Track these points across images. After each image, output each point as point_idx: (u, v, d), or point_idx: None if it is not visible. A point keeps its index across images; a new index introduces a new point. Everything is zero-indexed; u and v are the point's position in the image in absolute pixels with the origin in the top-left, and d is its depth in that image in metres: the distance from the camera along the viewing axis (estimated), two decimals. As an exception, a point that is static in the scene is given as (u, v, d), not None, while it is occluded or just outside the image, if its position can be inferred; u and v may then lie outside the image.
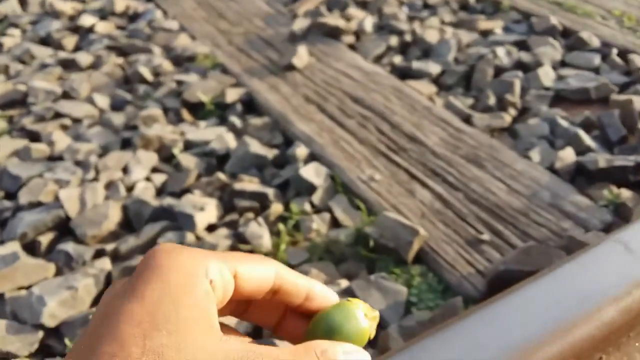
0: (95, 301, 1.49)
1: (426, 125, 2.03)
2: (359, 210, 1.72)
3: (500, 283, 1.39)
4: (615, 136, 1.91)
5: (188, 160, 1.98)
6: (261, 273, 0.35)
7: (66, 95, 2.38)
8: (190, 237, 1.64)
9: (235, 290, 0.34)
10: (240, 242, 1.61)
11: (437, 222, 1.65)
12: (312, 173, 1.83)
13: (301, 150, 1.94)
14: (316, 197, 1.78)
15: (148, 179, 1.92)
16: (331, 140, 1.99)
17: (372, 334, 0.40)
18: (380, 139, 1.99)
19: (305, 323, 0.39)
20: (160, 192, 1.88)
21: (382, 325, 1.38)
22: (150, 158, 1.98)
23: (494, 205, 1.68)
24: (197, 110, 2.29)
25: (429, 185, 1.77)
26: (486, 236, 1.58)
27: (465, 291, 1.43)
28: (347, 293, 1.43)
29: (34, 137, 2.16)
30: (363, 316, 0.39)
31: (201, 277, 0.31)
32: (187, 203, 1.73)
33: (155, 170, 1.98)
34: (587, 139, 1.91)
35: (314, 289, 0.38)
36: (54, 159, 2.03)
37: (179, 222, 1.71)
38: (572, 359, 0.83)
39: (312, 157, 1.94)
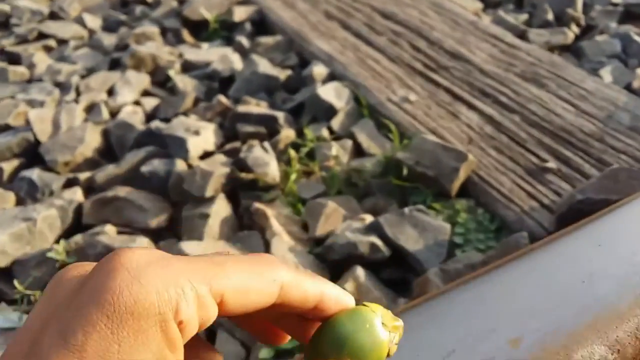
0: (59, 239, 1.21)
1: (472, 41, 1.67)
2: (388, 137, 1.38)
3: (576, 218, 1.05)
4: None
5: (185, 83, 1.66)
6: (258, 295, 0.26)
7: (54, 16, 2.09)
8: (180, 165, 1.33)
9: (219, 313, 0.25)
10: (241, 170, 1.29)
11: (488, 148, 1.30)
12: (332, 94, 1.50)
13: (319, 69, 1.61)
14: (336, 122, 1.45)
15: (137, 102, 1.62)
16: (356, 59, 1.65)
17: (393, 349, 0.31)
18: (416, 57, 1.64)
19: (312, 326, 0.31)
20: (150, 118, 1.58)
21: (417, 271, 1.07)
22: (141, 80, 1.68)
23: (560, 129, 1.33)
24: (200, 31, 1.97)
25: (477, 106, 1.43)
26: (552, 164, 1.23)
27: (526, 230, 1.10)
28: (372, 230, 1.11)
29: (14, 59, 1.87)
30: (381, 326, 0.30)
31: (168, 322, 0.23)
32: (179, 125, 1.43)
33: (146, 93, 1.67)
34: (676, 54, 1.53)
35: (326, 294, 0.29)
36: (33, 82, 1.74)
37: (169, 148, 1.40)
38: None
39: (332, 78, 1.60)
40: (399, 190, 1.25)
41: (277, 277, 0.27)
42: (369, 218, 1.15)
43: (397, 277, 1.09)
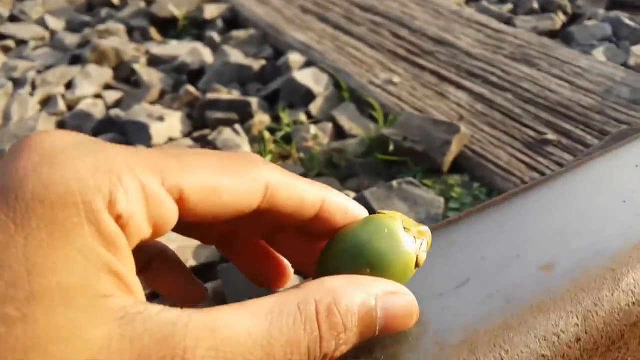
0: None
1: (457, 28, 1.59)
2: (371, 118, 1.27)
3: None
4: None
5: (151, 75, 1.54)
6: (233, 194, 0.20)
7: (14, 19, 1.97)
8: (142, 152, 1.20)
9: (187, 216, 0.19)
10: (208, 153, 1.16)
11: (481, 124, 1.19)
12: (310, 78, 1.39)
13: (295, 57, 1.50)
14: (315, 107, 1.33)
15: (98, 96, 1.49)
16: (335, 47, 1.55)
17: (423, 257, 0.25)
18: (398, 44, 1.54)
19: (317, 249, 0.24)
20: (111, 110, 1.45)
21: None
22: (103, 74, 1.55)
23: (557, 104, 1.22)
24: (168, 29, 1.86)
25: (466, 86, 1.32)
26: (552, 136, 1.12)
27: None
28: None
29: (-33, 61, 1.73)
30: (404, 231, 0.24)
31: (98, 214, 0.17)
32: (141, 112, 1.30)
33: (108, 87, 1.54)
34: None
35: (329, 200, 0.22)
36: (-14, 80, 1.61)
37: (129, 136, 1.27)
38: None
39: (310, 65, 1.50)
40: (385, 169, 1.12)
41: (260, 175, 0.20)
42: (352, 194, 1.02)
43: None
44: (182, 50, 1.65)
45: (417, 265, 0.26)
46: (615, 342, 0.43)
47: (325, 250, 0.25)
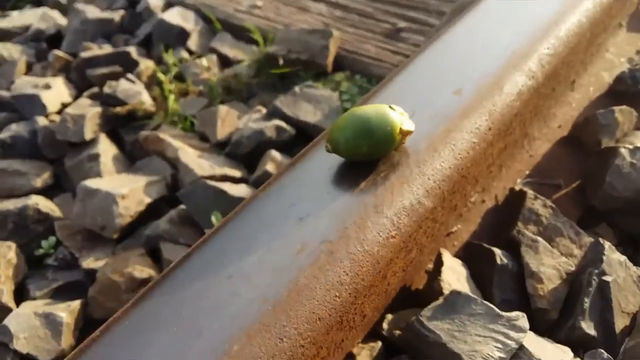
0: None
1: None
2: (250, 42, 1.40)
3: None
4: None
5: (9, 50, 1.49)
6: None
7: None
8: (42, 121, 1.22)
9: None
10: (113, 106, 1.22)
11: (344, 27, 1.38)
12: (178, 18, 1.46)
13: (154, 1, 1.55)
14: (192, 43, 1.42)
15: (-41, 81, 1.42)
16: (188, -15, 1.61)
17: (406, 126, 0.50)
18: (246, -30, 1.65)
19: None
20: (-18, 92, 1.39)
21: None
22: (-47, 58, 1.46)
23: (398, -2, 1.45)
24: (3, 2, 1.76)
25: (320, -3, 1.49)
26: (403, 24, 1.35)
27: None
28: (272, 115, 1.14)
29: None
30: (390, 110, 0.48)
31: None
32: (25, 85, 1.29)
33: (-34, 70, 1.47)
34: None
35: None
36: None
37: (21, 111, 1.26)
38: None
39: (171, 6, 1.55)
40: (280, 83, 1.28)
41: None
42: (264, 109, 1.17)
43: (308, 152, 1.13)
44: (32, 18, 1.60)
45: (401, 131, 0.49)
46: (508, 128, 0.67)
47: (337, 120, 0.46)
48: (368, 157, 0.50)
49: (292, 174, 0.53)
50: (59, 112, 1.28)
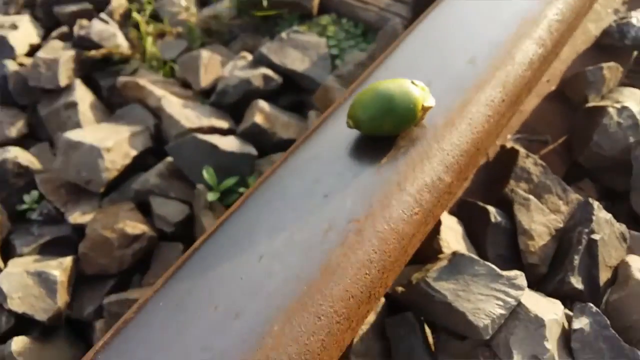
0: None
1: None
2: (226, -20, 1.33)
3: (427, 1, 1.16)
4: None
5: (-38, -19, 1.37)
6: None
7: None
8: (12, 65, 1.15)
9: None
10: (87, 49, 1.16)
11: (326, -35, 1.33)
12: (149, -49, 1.37)
13: None
14: (165, -21, 1.34)
15: None
16: None
17: (428, 101, 0.51)
18: None
19: None
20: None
21: (312, 90, 1.10)
22: None
23: None
24: None
25: None
26: (388, -35, 1.31)
27: (388, 25, 1.18)
28: (259, 63, 1.11)
29: None
30: (412, 85, 0.50)
31: None
32: (-12, 23, 1.20)
33: None
34: None
35: None
36: None
37: (-13, 52, 1.19)
38: None
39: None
40: (264, 26, 1.23)
41: None
42: (249, 56, 1.13)
43: (294, 101, 1.12)
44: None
45: (423, 107, 0.49)
46: (519, 98, 0.68)
47: (359, 95, 0.47)
48: (388, 133, 0.50)
49: (312, 149, 0.52)
50: (28, 55, 1.21)
